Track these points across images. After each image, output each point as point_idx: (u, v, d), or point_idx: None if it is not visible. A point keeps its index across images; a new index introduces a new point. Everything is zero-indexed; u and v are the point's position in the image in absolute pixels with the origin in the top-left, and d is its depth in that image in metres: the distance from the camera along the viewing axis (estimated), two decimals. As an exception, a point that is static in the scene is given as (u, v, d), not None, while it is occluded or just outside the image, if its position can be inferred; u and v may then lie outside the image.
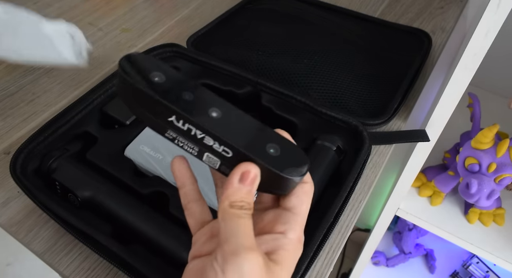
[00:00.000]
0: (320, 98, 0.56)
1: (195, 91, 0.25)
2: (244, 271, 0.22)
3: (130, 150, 0.47)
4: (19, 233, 0.44)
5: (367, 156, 0.47)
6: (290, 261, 0.25)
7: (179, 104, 0.24)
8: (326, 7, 0.75)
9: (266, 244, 0.25)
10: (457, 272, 1.12)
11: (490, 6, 0.40)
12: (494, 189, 0.60)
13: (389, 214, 0.78)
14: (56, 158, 0.45)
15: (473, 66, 0.46)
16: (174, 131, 0.25)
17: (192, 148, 0.26)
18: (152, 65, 0.25)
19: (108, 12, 0.77)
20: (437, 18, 0.76)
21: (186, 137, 0.25)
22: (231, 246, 0.22)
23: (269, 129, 0.27)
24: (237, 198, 0.24)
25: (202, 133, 0.24)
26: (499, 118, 0.69)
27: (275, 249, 0.25)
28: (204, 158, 0.26)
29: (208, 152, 0.25)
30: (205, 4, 0.79)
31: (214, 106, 0.25)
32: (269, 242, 0.25)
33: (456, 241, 0.71)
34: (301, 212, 0.27)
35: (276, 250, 0.25)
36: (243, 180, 0.24)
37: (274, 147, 0.26)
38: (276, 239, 0.25)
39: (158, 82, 0.24)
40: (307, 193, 0.27)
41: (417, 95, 0.61)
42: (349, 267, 1.35)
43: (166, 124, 0.25)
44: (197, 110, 0.25)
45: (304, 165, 0.26)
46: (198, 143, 0.25)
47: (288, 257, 0.25)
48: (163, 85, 0.24)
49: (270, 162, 0.25)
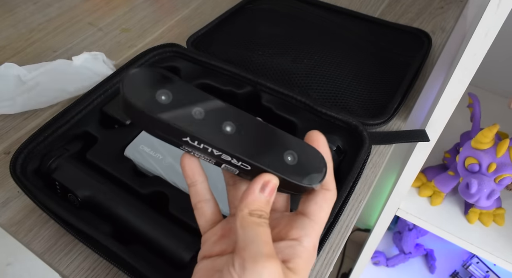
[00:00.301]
0: (320, 98, 0.56)
1: (205, 105, 0.25)
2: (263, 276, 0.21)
3: (130, 150, 0.47)
4: (19, 233, 0.44)
5: (367, 156, 0.47)
6: (305, 269, 0.25)
7: (192, 126, 0.23)
8: (326, 7, 0.75)
9: (282, 252, 0.25)
10: (457, 272, 1.12)
11: (490, 6, 0.40)
12: (494, 189, 0.60)
13: (389, 214, 0.78)
14: (56, 158, 0.45)
15: (473, 66, 0.46)
16: (189, 147, 0.25)
17: (209, 160, 0.26)
18: (155, 82, 0.24)
19: (108, 12, 0.77)
20: (437, 18, 0.76)
21: (202, 153, 0.25)
22: (251, 254, 0.22)
23: (284, 135, 0.27)
24: (257, 207, 0.24)
25: (219, 152, 0.24)
26: (499, 118, 0.69)
27: (291, 257, 0.24)
28: (222, 167, 0.26)
29: (226, 164, 0.25)
30: (205, 4, 0.79)
31: (226, 120, 0.25)
32: (284, 250, 0.25)
33: (456, 241, 0.71)
34: (319, 219, 0.26)
35: (292, 258, 0.24)
36: (263, 190, 0.24)
37: (292, 154, 0.26)
38: (291, 246, 0.25)
39: (165, 103, 0.23)
40: (328, 201, 0.26)
41: (417, 95, 0.61)
42: (349, 267, 1.35)
43: (181, 142, 0.24)
44: (210, 128, 0.24)
45: (322, 169, 0.26)
46: (216, 157, 0.25)
47: (303, 265, 0.25)
48: (172, 105, 0.23)
49: (288, 173, 0.25)
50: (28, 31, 0.71)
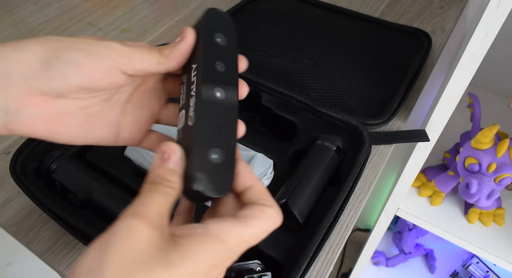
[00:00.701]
0: (320, 98, 0.56)
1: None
2: (117, 234, 0.21)
3: (130, 150, 0.47)
4: (19, 233, 0.44)
5: (367, 156, 0.47)
6: (197, 251, 0.21)
7: None
8: (326, 7, 0.75)
9: (182, 229, 0.23)
10: (457, 272, 1.12)
11: (490, 6, 0.40)
12: (494, 189, 0.60)
13: (389, 214, 0.78)
14: (56, 158, 0.45)
15: (473, 66, 0.46)
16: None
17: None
18: None
19: (108, 12, 0.77)
20: (437, 18, 0.76)
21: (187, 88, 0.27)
22: (126, 211, 0.22)
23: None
24: (155, 175, 0.24)
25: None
26: (499, 118, 0.69)
27: (186, 234, 0.22)
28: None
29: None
30: (205, 4, 0.79)
31: (221, 85, 0.26)
32: (186, 228, 0.23)
33: (456, 241, 0.71)
34: (247, 225, 0.24)
35: (185, 235, 0.22)
36: (161, 159, 0.24)
37: (216, 156, 0.25)
38: (197, 227, 0.23)
39: None
40: (265, 216, 0.24)
41: (417, 95, 0.61)
42: (349, 267, 1.35)
43: None
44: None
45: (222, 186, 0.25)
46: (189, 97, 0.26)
47: (195, 245, 0.22)
48: None
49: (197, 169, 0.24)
50: (28, 31, 0.71)
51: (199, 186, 0.24)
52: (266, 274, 0.38)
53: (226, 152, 0.25)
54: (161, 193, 0.23)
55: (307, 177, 0.44)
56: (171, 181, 0.24)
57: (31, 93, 0.24)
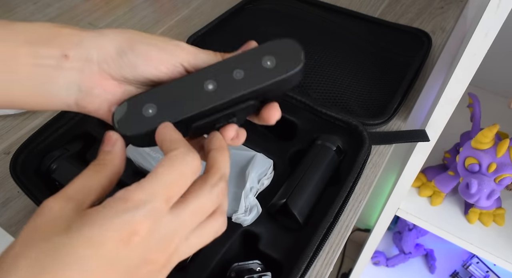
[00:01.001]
0: (320, 98, 0.56)
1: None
2: (38, 211, 0.22)
3: (130, 150, 0.47)
4: (19, 233, 0.44)
5: (367, 156, 0.47)
6: (97, 216, 0.21)
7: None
8: (326, 7, 0.75)
9: None
10: (457, 272, 1.12)
11: (490, 6, 0.40)
12: (494, 189, 0.60)
13: (389, 214, 0.78)
14: (56, 158, 0.45)
15: (473, 66, 0.46)
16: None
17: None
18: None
19: (108, 12, 0.77)
20: (437, 18, 0.76)
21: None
22: None
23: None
24: (99, 158, 0.25)
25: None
26: (499, 118, 0.68)
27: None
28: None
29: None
30: (205, 4, 0.79)
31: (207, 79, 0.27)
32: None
33: (456, 241, 0.71)
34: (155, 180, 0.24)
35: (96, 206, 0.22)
36: (103, 144, 0.26)
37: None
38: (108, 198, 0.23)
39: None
40: (168, 164, 0.23)
41: (417, 95, 0.61)
42: (349, 267, 1.35)
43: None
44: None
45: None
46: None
47: (95, 212, 0.21)
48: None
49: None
50: (28, 31, 0.71)
51: (115, 113, 0.26)
52: (266, 274, 0.38)
53: (162, 115, 0.26)
54: (86, 172, 0.24)
55: (307, 177, 0.44)
56: (102, 159, 0.25)
57: (102, 76, 0.27)
